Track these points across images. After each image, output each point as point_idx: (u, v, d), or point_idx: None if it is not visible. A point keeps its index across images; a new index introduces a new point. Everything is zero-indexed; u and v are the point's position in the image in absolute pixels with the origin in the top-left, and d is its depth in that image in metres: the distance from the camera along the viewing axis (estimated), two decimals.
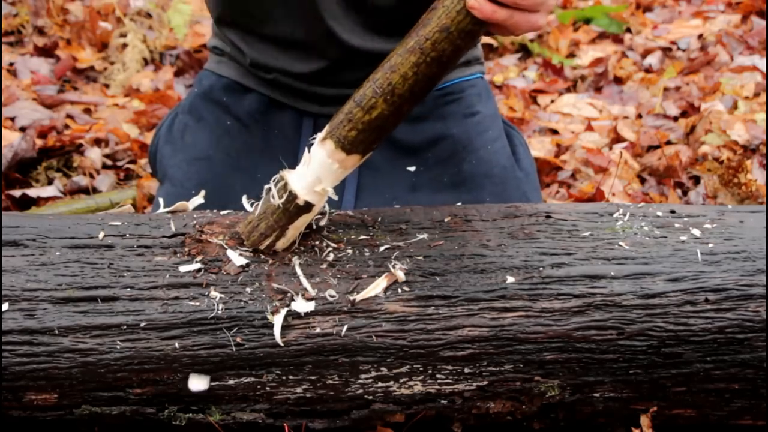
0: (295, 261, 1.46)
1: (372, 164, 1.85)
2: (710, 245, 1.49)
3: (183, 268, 1.44)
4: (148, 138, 3.19)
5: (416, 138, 1.90)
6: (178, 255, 1.45)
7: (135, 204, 2.75)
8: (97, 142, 3.20)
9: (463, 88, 1.96)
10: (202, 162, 1.86)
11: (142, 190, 2.80)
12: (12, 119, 3.26)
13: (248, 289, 1.41)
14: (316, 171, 1.43)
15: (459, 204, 1.65)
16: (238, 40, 1.90)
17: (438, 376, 1.41)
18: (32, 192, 2.81)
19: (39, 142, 3.10)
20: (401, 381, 1.42)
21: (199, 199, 1.63)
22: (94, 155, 3.09)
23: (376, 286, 1.42)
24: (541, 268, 1.45)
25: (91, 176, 2.98)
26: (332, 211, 1.57)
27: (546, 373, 1.42)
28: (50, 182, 2.94)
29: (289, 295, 1.41)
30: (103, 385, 1.39)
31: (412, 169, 1.89)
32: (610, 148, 3.17)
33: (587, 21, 4.32)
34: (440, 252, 1.47)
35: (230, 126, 1.91)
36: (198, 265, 1.44)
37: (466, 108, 1.94)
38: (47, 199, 2.81)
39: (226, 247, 1.47)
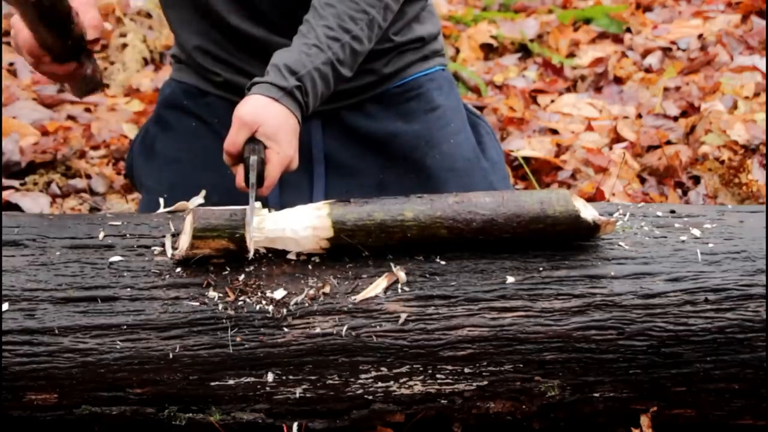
0: (295, 261, 1.45)
1: (339, 164, 1.85)
2: (710, 245, 1.49)
3: (182, 268, 1.44)
4: None
5: (378, 135, 1.89)
6: (178, 255, 1.45)
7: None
8: (96, 142, 3.20)
9: (421, 83, 1.93)
10: (172, 166, 1.88)
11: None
12: (13, 119, 3.26)
13: (248, 289, 1.41)
14: (288, 225, 1.44)
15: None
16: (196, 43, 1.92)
17: (438, 376, 1.41)
18: (32, 195, 2.81)
19: (41, 142, 3.10)
20: (401, 381, 1.41)
21: (199, 199, 1.63)
22: (94, 155, 3.09)
23: (376, 286, 1.42)
24: (540, 268, 1.45)
25: (89, 177, 2.98)
26: None
27: (546, 373, 1.42)
28: (49, 184, 2.94)
29: (289, 294, 1.41)
30: (103, 385, 1.39)
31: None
32: (610, 148, 3.16)
33: (587, 21, 4.32)
34: (440, 252, 1.47)
35: (195, 127, 1.92)
36: (198, 266, 1.44)
37: (426, 103, 1.92)
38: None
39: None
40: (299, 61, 1.63)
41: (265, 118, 1.58)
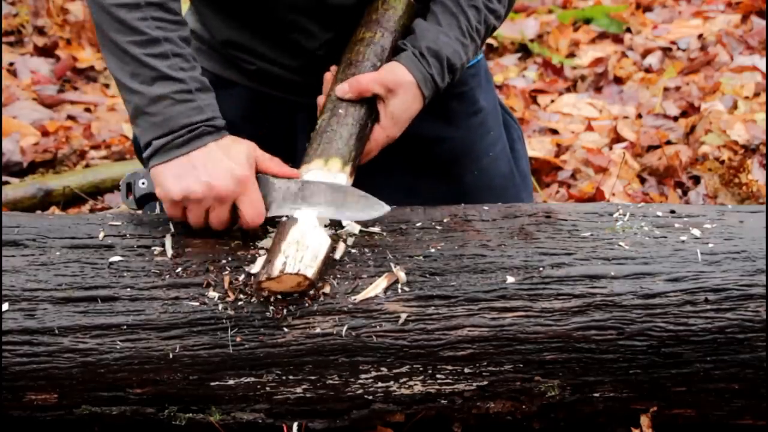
0: None
1: (368, 169, 1.76)
2: (710, 245, 1.49)
3: (182, 268, 1.44)
4: None
5: (418, 135, 1.80)
6: (179, 256, 1.45)
7: None
8: (96, 142, 3.20)
9: (465, 79, 1.81)
10: None
11: None
12: (13, 119, 3.26)
13: (248, 289, 1.41)
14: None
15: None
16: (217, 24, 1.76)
17: (438, 376, 1.41)
18: None
19: (41, 142, 3.11)
20: (401, 381, 1.41)
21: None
22: (94, 155, 3.09)
23: (376, 286, 1.42)
24: (541, 268, 1.45)
25: None
26: None
27: (546, 373, 1.42)
28: None
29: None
30: (103, 385, 1.39)
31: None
32: (610, 148, 3.17)
33: (587, 21, 4.32)
34: (440, 252, 1.47)
35: None
36: (198, 266, 1.44)
37: (469, 105, 1.83)
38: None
39: (225, 246, 1.47)
40: (457, 54, 1.62)
41: (402, 101, 1.59)
